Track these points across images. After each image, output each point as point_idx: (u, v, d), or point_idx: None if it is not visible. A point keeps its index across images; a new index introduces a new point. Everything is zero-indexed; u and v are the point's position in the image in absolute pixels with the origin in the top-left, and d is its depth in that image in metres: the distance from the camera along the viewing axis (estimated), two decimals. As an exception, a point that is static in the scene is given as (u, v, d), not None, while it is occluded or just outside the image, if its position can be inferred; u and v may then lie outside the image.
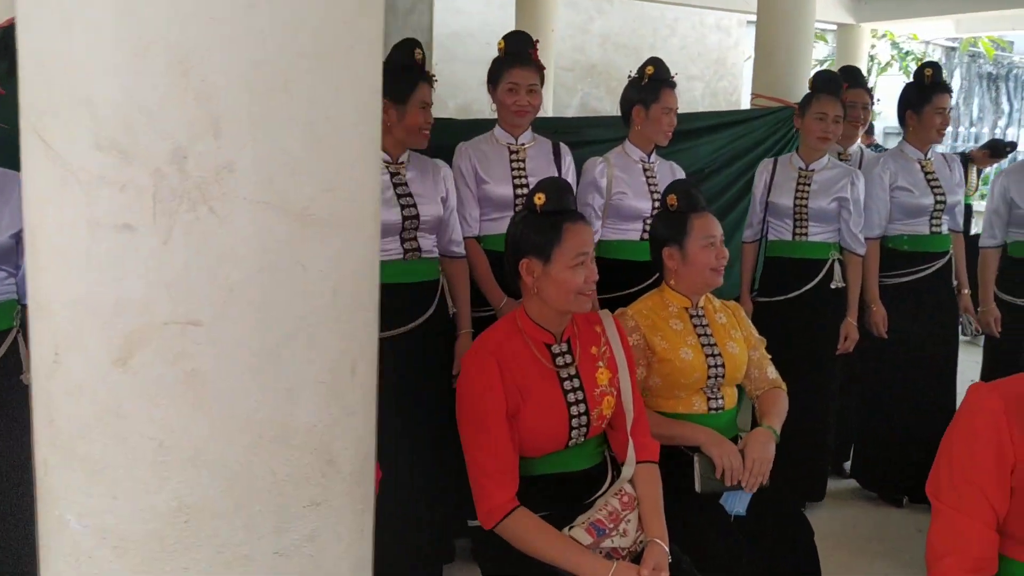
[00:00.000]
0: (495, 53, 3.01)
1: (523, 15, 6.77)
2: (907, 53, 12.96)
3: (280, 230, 0.77)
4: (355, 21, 0.81)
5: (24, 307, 2.24)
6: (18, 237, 2.17)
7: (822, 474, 3.58)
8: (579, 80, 9.45)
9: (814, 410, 3.44)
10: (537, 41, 3.05)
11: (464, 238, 2.89)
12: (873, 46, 10.92)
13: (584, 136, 3.60)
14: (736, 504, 2.31)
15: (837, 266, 3.40)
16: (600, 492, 2.09)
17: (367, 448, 0.93)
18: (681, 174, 3.37)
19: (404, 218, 2.62)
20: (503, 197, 2.95)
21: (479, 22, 8.73)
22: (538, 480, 2.05)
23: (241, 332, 0.78)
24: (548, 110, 7.14)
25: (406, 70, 2.62)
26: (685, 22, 9.99)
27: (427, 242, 2.71)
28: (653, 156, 3.29)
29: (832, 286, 3.38)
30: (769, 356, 2.57)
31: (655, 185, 3.17)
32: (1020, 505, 1.45)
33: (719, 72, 10.51)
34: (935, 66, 3.54)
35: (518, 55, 2.95)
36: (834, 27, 9.54)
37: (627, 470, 2.12)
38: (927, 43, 13.79)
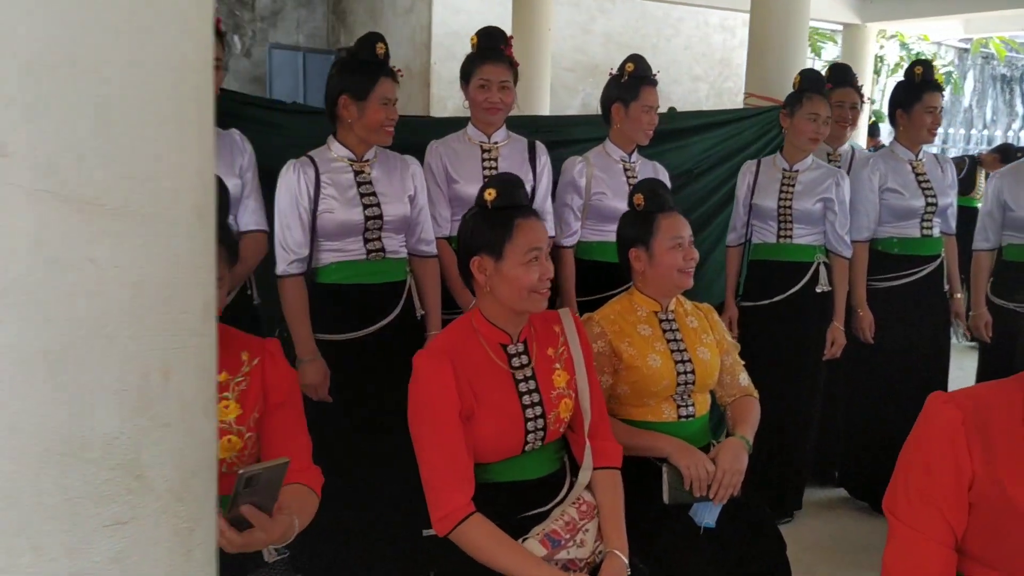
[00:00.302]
0: None
1: (520, 14, 6.69)
2: (917, 54, 12.81)
3: (63, 221, 0.69)
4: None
5: None
6: None
7: (800, 483, 3.49)
8: (580, 80, 9.36)
9: (796, 417, 3.37)
10: (511, 37, 2.98)
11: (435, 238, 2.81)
12: (882, 47, 10.79)
13: (568, 135, 3.52)
14: (705, 516, 2.23)
15: (823, 269, 3.31)
16: (557, 500, 2.01)
17: (192, 462, 0.84)
18: (664, 175, 3.28)
19: (367, 218, 2.55)
20: (473, 196, 2.86)
21: (479, 21, 8.60)
22: (494, 487, 1.98)
23: (22, 334, 0.70)
24: (547, 110, 7.06)
25: (366, 65, 2.55)
26: (689, 22, 9.89)
27: (393, 242, 2.63)
28: (635, 156, 3.22)
29: (817, 290, 3.29)
30: (743, 362, 2.48)
31: None
32: (979, 522, 1.37)
33: (724, 72, 10.40)
34: (926, 64, 3.44)
35: (490, 51, 2.88)
36: (840, 27, 9.42)
37: (583, 475, 2.04)
38: (939, 44, 13.63)
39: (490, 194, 1.96)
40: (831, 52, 11.51)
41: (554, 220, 3.12)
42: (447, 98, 8.78)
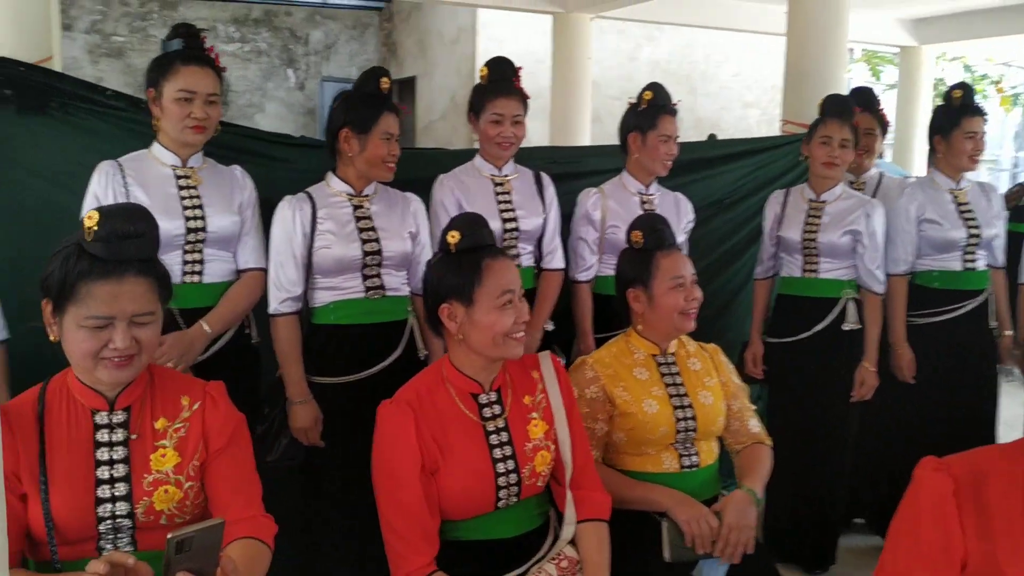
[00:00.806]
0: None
1: (560, 43, 6.64)
2: (983, 76, 12.38)
3: None
4: None
5: None
6: None
7: (833, 534, 3.27)
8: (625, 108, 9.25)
9: (826, 462, 3.16)
10: (519, 68, 2.90)
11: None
12: (943, 69, 10.44)
13: (584, 166, 3.41)
14: (711, 575, 2.08)
15: (851, 306, 3.11)
16: (536, 557, 1.89)
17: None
18: (687, 208, 3.16)
19: (365, 253, 2.48)
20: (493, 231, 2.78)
21: (523, 51, 8.62)
22: (465, 546, 1.87)
23: None
24: (588, 138, 6.97)
25: (370, 99, 2.50)
26: (740, 48, 9.70)
27: (393, 279, 2.55)
28: (654, 187, 3.10)
29: (844, 327, 3.09)
30: (753, 407, 2.33)
31: None
32: (975, 606, 1.20)
33: (776, 99, 10.14)
34: (965, 87, 3.25)
35: (502, 83, 2.80)
36: (897, 50, 9.14)
37: (567, 530, 1.92)
38: (1008, 65, 13.14)
39: (453, 236, 1.86)
40: (891, 75, 11.20)
41: (569, 254, 3.02)
42: (491, 128, 8.77)
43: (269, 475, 2.52)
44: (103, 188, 2.27)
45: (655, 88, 3.05)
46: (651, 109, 3.01)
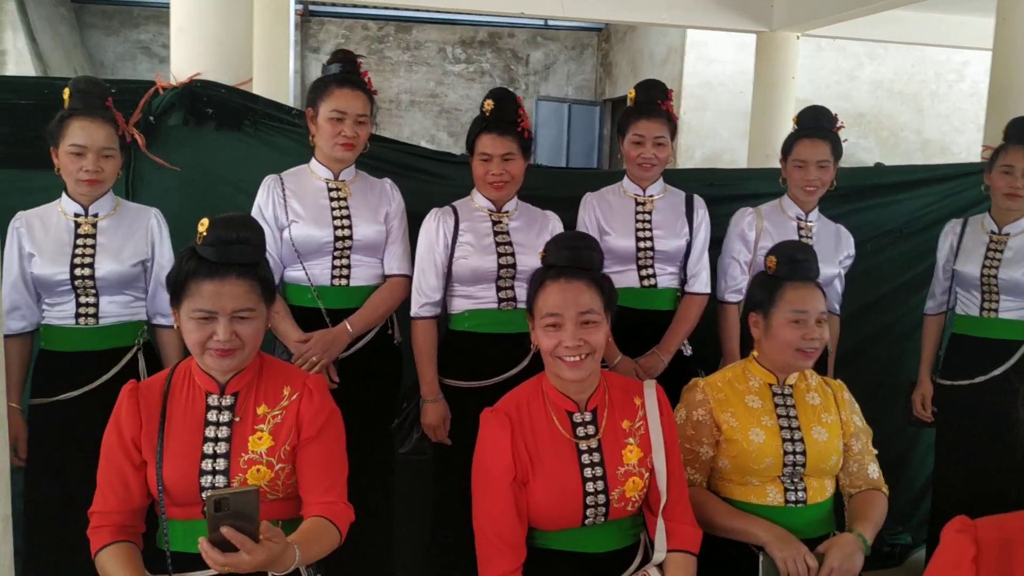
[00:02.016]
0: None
1: (762, 62, 6.45)
2: None
3: None
4: None
5: (149, 327, 2.54)
6: (144, 265, 2.47)
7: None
8: (843, 130, 8.76)
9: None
10: (671, 91, 2.90)
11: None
12: None
13: (745, 189, 3.34)
14: None
15: (1034, 350, 2.81)
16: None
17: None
18: (848, 241, 3.00)
19: (500, 266, 2.60)
20: (625, 250, 2.81)
21: (731, 71, 8.47)
22: (554, 555, 1.92)
23: None
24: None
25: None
26: (976, 65, 8.91)
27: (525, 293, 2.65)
28: (813, 214, 2.98)
29: (1028, 374, 2.81)
30: (874, 451, 2.19)
31: None
32: None
33: None
34: None
35: (647, 105, 2.81)
36: None
37: (657, 556, 1.91)
38: None
39: (541, 253, 1.98)
40: None
41: (719, 273, 2.97)
42: (695, 147, 8.67)
43: (401, 466, 2.74)
44: (265, 199, 2.55)
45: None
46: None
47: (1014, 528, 1.12)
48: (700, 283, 2.87)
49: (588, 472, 1.88)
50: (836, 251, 2.94)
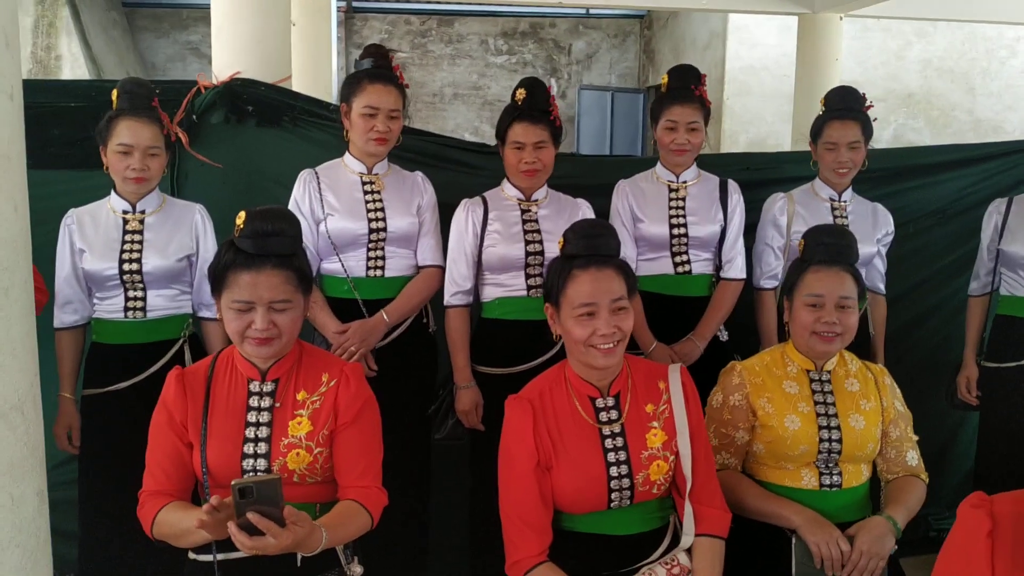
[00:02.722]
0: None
1: (804, 45, 6.35)
2: None
3: None
4: None
5: (195, 319, 2.62)
6: (189, 259, 2.56)
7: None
8: (892, 111, 8.60)
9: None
10: (704, 76, 2.89)
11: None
12: None
13: (782, 173, 3.30)
14: None
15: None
16: (649, 559, 1.92)
17: None
18: (886, 220, 2.96)
19: (528, 253, 2.62)
20: (659, 236, 2.81)
21: (775, 55, 8.35)
22: (580, 538, 1.94)
23: None
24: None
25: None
26: (1031, 41, 8.68)
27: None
28: (847, 194, 2.94)
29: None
30: (915, 438, 2.17)
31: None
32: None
33: (1079, 97, 8.95)
34: None
35: (680, 91, 2.80)
36: None
37: (685, 539, 1.92)
38: None
39: (560, 242, 1.98)
40: None
41: (753, 260, 2.96)
42: (739, 133, 8.58)
43: (439, 450, 2.79)
44: (301, 192, 2.62)
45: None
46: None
47: None
48: (735, 268, 2.86)
49: (612, 456, 1.90)
50: (874, 229, 2.91)
